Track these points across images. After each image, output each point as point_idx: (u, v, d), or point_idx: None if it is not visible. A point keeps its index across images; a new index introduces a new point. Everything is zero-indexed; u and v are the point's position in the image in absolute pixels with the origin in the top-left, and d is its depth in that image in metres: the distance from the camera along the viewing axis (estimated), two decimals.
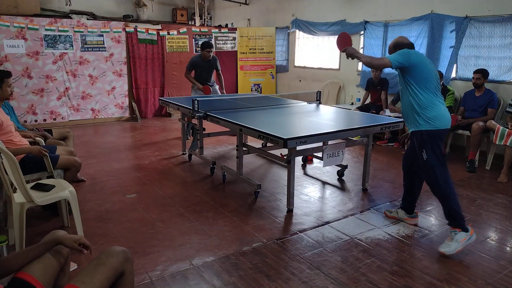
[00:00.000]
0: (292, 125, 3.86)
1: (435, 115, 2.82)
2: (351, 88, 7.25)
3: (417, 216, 3.31)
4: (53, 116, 7.00)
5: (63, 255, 1.73)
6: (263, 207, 3.61)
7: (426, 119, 2.83)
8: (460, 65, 5.54)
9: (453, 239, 2.77)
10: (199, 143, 4.77)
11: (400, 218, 3.31)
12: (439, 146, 2.86)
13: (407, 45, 3.00)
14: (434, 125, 2.82)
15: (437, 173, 2.82)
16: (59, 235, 1.71)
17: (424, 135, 2.84)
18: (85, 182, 4.18)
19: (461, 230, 2.78)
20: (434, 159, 2.83)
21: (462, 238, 2.76)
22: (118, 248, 1.72)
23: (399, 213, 3.33)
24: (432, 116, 2.82)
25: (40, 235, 2.93)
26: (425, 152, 2.84)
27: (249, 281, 2.44)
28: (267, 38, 8.67)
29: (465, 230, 2.78)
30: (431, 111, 2.82)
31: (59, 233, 1.73)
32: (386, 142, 5.98)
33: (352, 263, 2.65)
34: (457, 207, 2.82)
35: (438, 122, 2.82)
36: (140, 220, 3.29)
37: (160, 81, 8.07)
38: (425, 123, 2.83)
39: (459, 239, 2.75)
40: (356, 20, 6.87)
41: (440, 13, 5.64)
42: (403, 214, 3.31)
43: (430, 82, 2.85)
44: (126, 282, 1.72)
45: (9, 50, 6.42)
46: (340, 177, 4.46)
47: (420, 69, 2.82)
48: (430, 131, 2.82)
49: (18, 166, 2.52)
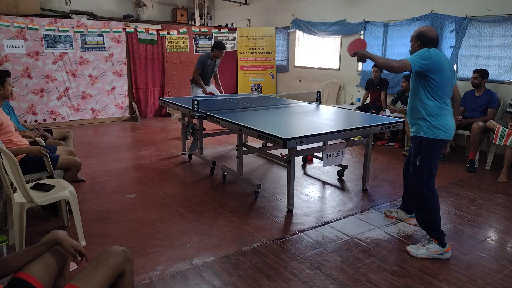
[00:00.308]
0: (292, 125, 3.86)
1: (440, 125, 2.68)
2: (351, 88, 7.25)
3: None
4: (53, 116, 7.00)
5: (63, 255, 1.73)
6: (263, 207, 3.61)
7: (430, 126, 2.69)
8: (460, 65, 5.54)
9: (424, 246, 2.74)
10: (199, 143, 4.77)
11: (400, 218, 3.31)
12: (436, 156, 2.75)
13: (432, 40, 2.72)
14: (437, 134, 2.69)
15: (424, 181, 2.74)
16: (59, 236, 1.71)
17: (424, 142, 2.72)
18: (85, 182, 4.17)
19: (437, 243, 2.71)
20: (426, 169, 2.73)
21: (433, 250, 2.71)
22: (118, 248, 1.72)
23: (399, 213, 3.33)
24: (437, 125, 2.68)
25: (40, 235, 2.93)
26: (419, 159, 2.75)
27: (249, 281, 2.44)
28: (267, 38, 8.67)
29: (441, 244, 2.72)
30: (437, 120, 2.68)
31: (59, 234, 1.73)
32: (386, 142, 5.98)
33: (352, 263, 2.65)
34: (436, 219, 2.75)
35: (441, 132, 2.69)
36: (140, 220, 3.29)
37: (160, 81, 8.07)
38: (428, 130, 2.70)
39: (430, 249, 2.72)
40: (356, 20, 6.88)
41: (440, 13, 5.64)
42: (403, 214, 3.30)
43: (444, 90, 2.67)
44: (126, 282, 1.72)
45: (9, 50, 6.42)
46: (340, 177, 4.46)
47: (438, 76, 2.62)
48: (431, 140, 2.70)
49: (18, 166, 2.52)
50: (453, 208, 3.61)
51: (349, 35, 7.11)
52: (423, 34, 2.73)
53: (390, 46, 6.42)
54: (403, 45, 6.23)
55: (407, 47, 6.04)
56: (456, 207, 3.62)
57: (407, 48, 6.14)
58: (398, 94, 6.02)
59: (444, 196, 3.90)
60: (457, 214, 3.46)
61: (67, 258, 1.78)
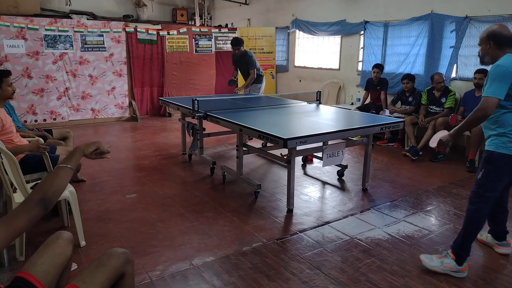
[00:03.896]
0: (292, 125, 3.86)
1: None
2: (351, 88, 7.26)
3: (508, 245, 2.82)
4: (53, 116, 7.00)
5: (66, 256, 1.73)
6: (263, 207, 3.61)
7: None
8: (460, 65, 5.54)
9: (440, 259, 2.54)
10: (199, 143, 4.77)
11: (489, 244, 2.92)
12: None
13: (507, 40, 2.35)
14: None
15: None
16: (81, 147, 1.65)
17: (495, 156, 2.41)
18: (85, 182, 4.17)
19: (455, 259, 2.50)
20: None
21: (448, 265, 2.50)
22: (119, 250, 1.73)
23: (488, 238, 2.94)
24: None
25: (40, 235, 2.93)
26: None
27: (249, 281, 2.44)
28: (267, 38, 8.66)
29: (459, 263, 2.50)
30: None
31: (80, 146, 1.67)
32: (386, 142, 5.98)
33: (352, 263, 2.65)
34: (469, 241, 2.53)
35: None
36: (140, 220, 3.29)
37: (160, 81, 8.08)
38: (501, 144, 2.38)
39: (445, 263, 2.51)
40: (356, 20, 6.87)
41: (440, 13, 5.65)
42: (491, 240, 2.91)
43: None
44: (127, 284, 1.72)
45: (9, 50, 6.42)
46: (340, 177, 4.46)
47: None
48: (506, 155, 2.39)
49: (18, 166, 2.52)
50: (453, 208, 3.61)
51: (349, 35, 7.11)
52: (496, 33, 2.36)
53: (390, 46, 6.42)
54: (403, 45, 6.24)
55: (407, 47, 6.17)
56: (456, 207, 3.62)
57: (407, 48, 6.25)
58: (398, 94, 6.02)
59: (444, 196, 3.90)
60: (457, 214, 3.46)
61: (70, 258, 1.78)
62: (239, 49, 5.75)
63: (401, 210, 3.56)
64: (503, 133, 2.38)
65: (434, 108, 5.47)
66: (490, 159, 2.44)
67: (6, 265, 2.54)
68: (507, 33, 2.37)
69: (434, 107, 5.47)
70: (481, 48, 2.47)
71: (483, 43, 2.44)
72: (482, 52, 2.47)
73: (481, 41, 2.46)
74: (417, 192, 4.02)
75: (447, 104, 5.31)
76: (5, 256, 2.54)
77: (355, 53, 7.12)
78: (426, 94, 5.53)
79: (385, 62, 6.47)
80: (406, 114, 5.72)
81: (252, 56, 5.86)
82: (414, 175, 4.56)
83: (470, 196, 2.58)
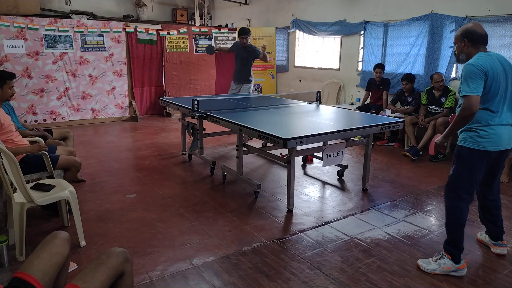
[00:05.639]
0: (292, 125, 3.86)
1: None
2: (351, 88, 7.25)
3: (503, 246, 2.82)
4: (53, 116, 7.00)
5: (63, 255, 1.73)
6: (263, 207, 3.61)
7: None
8: (460, 65, 5.54)
9: (436, 261, 2.55)
10: (199, 143, 4.77)
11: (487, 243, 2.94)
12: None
13: (480, 37, 2.41)
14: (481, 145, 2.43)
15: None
16: None
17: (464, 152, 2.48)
18: (85, 182, 4.17)
19: (450, 258, 2.51)
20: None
21: (446, 266, 2.51)
22: (118, 249, 1.73)
23: (485, 238, 2.96)
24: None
25: (40, 235, 2.93)
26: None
27: (249, 281, 2.44)
28: (267, 38, 8.66)
29: (455, 261, 2.51)
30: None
31: None
32: (386, 142, 5.98)
33: (352, 263, 2.65)
34: (458, 237, 2.54)
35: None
36: (140, 220, 3.29)
37: (160, 81, 8.07)
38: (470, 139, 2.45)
39: (442, 264, 2.52)
40: (356, 20, 6.87)
41: (440, 13, 5.64)
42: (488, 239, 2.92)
43: (492, 99, 2.37)
44: (126, 283, 1.72)
45: (9, 50, 6.42)
46: (340, 177, 4.46)
47: (488, 84, 2.34)
48: (474, 150, 2.44)
49: (18, 166, 2.53)
50: None
51: (349, 35, 7.11)
52: (470, 31, 2.41)
53: (390, 46, 6.42)
54: (403, 45, 6.24)
55: (407, 47, 6.16)
56: None
57: (407, 48, 6.24)
58: (398, 94, 6.02)
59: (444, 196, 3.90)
60: None
61: (68, 258, 1.78)
62: (247, 39, 5.72)
63: (401, 210, 3.57)
64: (471, 128, 2.45)
65: (434, 108, 5.47)
66: (459, 154, 2.52)
67: (6, 265, 2.54)
68: (481, 31, 2.42)
69: (434, 107, 5.47)
70: (457, 46, 2.52)
71: (458, 41, 2.48)
72: (458, 50, 2.52)
73: (456, 39, 2.50)
74: (417, 192, 4.02)
75: (447, 104, 5.31)
76: (5, 256, 2.54)
77: (355, 53, 7.12)
78: (426, 94, 5.53)
79: (385, 62, 6.47)
80: (406, 114, 5.72)
81: (255, 46, 5.97)
82: (414, 175, 4.56)
83: (445, 191, 2.63)
